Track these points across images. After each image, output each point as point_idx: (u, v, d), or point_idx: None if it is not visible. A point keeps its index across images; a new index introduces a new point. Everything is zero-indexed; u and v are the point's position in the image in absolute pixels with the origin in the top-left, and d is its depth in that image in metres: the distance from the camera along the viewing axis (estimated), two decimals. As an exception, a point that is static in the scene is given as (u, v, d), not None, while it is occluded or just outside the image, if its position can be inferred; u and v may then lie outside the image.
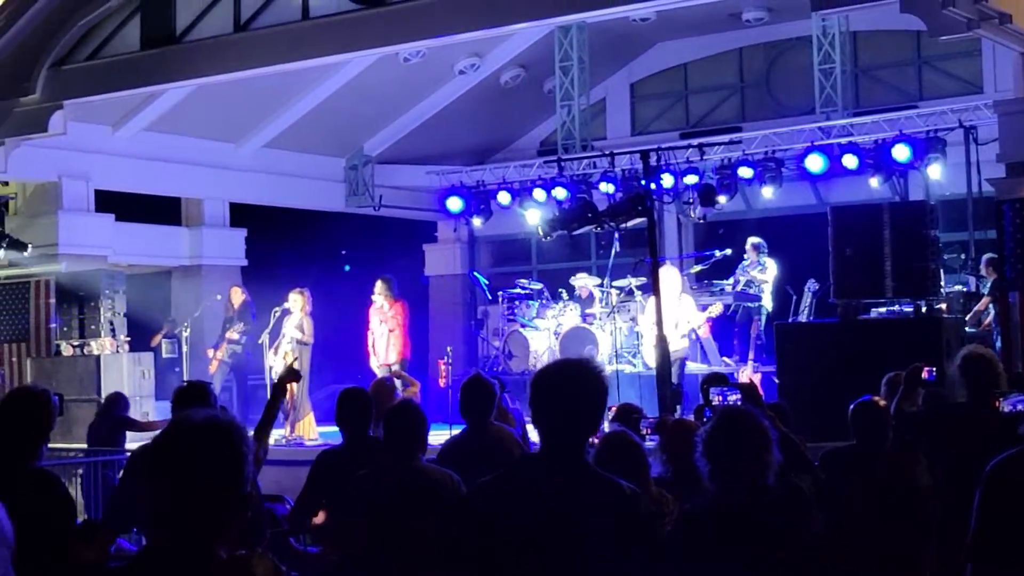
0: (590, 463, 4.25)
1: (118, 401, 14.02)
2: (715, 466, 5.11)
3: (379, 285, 16.70)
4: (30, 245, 17.10)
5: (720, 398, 6.08)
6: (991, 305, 15.28)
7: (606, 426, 7.57)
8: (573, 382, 4.26)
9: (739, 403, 6.24)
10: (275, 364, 16.54)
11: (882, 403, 7.65)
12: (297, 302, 16.51)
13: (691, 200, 18.75)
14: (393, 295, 16.69)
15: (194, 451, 3.16)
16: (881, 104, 19.77)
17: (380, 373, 15.91)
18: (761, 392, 7.59)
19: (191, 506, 3.14)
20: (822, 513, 6.76)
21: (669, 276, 15.77)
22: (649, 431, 7.30)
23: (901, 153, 17.02)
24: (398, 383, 15.45)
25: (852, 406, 7.51)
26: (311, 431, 16.41)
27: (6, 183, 19.61)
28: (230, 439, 3.19)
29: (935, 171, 17.21)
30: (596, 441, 6.82)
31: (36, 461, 5.84)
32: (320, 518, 8.08)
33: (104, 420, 13.86)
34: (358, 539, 6.63)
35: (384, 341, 16.49)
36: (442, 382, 16.02)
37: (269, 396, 6.99)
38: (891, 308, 13.61)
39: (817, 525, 5.57)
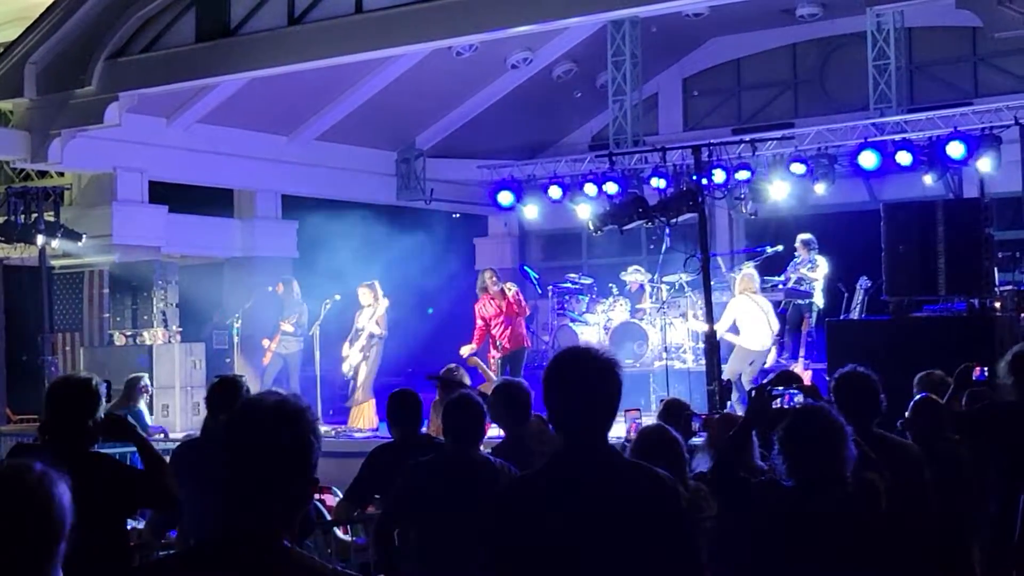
0: (619, 452, 4.20)
1: None
2: (794, 462, 5.17)
3: (491, 274, 16.30)
4: (84, 236, 17.25)
5: (781, 400, 5.97)
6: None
7: (650, 420, 7.56)
8: (588, 372, 4.07)
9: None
10: (350, 356, 16.64)
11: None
12: (367, 295, 16.59)
13: (742, 196, 18.67)
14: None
15: (263, 434, 3.13)
16: (936, 101, 19.60)
17: (495, 365, 15.73)
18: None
19: (259, 491, 3.11)
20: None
21: (747, 277, 15.98)
22: (699, 427, 7.28)
23: (956, 150, 16.86)
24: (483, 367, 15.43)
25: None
26: (370, 419, 16.45)
27: (62, 174, 19.81)
28: (300, 423, 3.16)
29: (989, 168, 17.04)
30: (633, 435, 6.80)
31: (90, 445, 5.94)
32: (370, 510, 8.14)
33: None
34: (412, 527, 6.68)
35: (507, 328, 15.98)
36: (492, 375, 16.01)
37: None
38: (944, 306, 13.50)
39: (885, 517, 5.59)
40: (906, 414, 7.45)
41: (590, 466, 4.04)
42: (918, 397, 7.55)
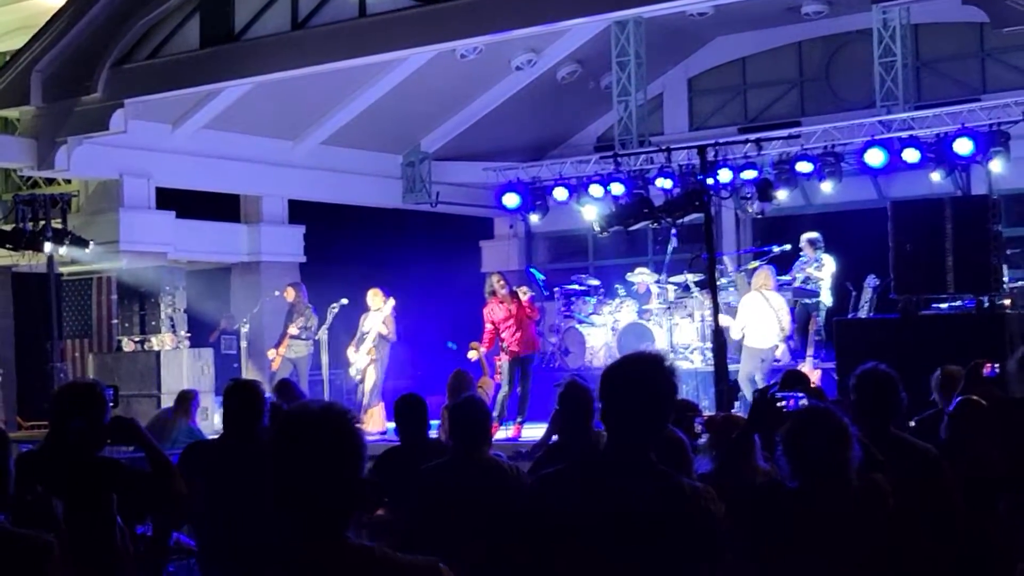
0: (656, 463, 4.19)
1: None
2: (797, 464, 5.13)
3: (498, 277, 15.87)
4: (92, 242, 17.25)
5: (786, 403, 5.87)
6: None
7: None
8: (643, 379, 4.11)
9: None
10: (356, 360, 16.62)
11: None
12: (377, 299, 16.57)
13: (749, 195, 18.64)
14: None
15: (312, 438, 3.28)
16: (943, 97, 19.56)
17: (506, 366, 15.59)
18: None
19: (314, 492, 3.25)
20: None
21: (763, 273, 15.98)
22: (703, 428, 7.23)
23: (963, 147, 16.79)
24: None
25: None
26: (379, 423, 16.45)
27: (68, 181, 19.84)
28: (345, 427, 3.31)
29: (998, 165, 16.99)
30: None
31: (96, 451, 5.92)
32: (379, 513, 8.12)
33: None
34: (420, 532, 6.70)
35: (518, 332, 15.59)
36: (498, 378, 15.99)
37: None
38: (953, 304, 13.45)
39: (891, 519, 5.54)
40: (946, 414, 7.40)
41: (618, 470, 4.07)
42: (960, 398, 7.50)
